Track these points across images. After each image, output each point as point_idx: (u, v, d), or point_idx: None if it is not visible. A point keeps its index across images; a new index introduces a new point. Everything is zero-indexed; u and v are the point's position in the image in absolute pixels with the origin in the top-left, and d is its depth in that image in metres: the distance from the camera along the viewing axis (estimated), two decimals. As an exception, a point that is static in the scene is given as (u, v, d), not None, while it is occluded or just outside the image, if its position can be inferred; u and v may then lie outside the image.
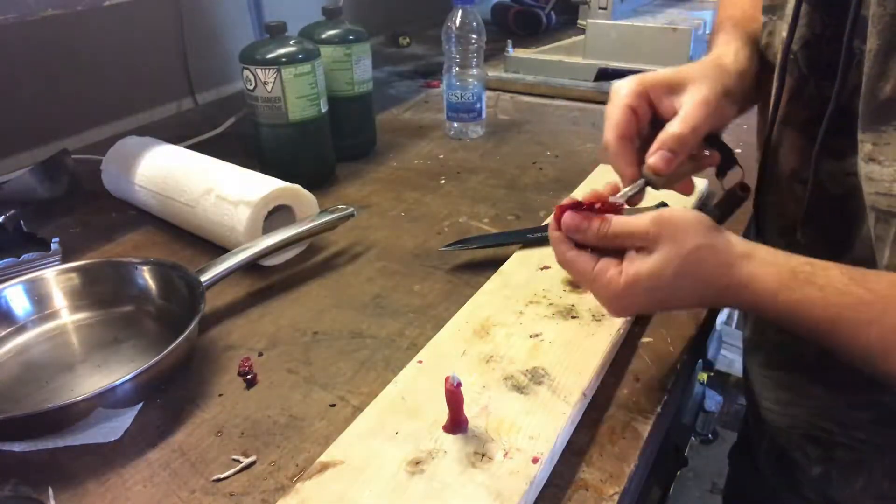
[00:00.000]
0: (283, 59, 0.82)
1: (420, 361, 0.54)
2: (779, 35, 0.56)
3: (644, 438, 0.48)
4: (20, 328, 0.62)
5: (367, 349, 0.59)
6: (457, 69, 1.02)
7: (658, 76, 0.53)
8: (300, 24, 0.94)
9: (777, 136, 0.55)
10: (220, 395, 0.54)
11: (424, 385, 0.51)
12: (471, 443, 0.45)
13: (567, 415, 0.48)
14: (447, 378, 0.45)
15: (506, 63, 1.33)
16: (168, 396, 0.54)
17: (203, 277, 0.61)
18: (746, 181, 0.60)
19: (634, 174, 0.51)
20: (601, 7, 1.24)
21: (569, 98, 1.24)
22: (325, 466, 0.44)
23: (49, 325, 0.63)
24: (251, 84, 0.84)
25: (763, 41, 0.57)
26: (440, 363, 0.53)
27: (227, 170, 0.76)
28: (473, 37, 0.99)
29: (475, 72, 1.02)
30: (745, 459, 0.79)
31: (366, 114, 1.00)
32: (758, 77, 0.57)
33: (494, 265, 0.67)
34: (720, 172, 0.58)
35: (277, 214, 0.72)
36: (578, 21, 1.64)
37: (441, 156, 1.01)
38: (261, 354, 0.59)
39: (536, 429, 0.46)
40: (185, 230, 0.78)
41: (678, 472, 1.20)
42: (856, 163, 0.47)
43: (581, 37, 1.32)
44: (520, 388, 0.50)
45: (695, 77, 0.52)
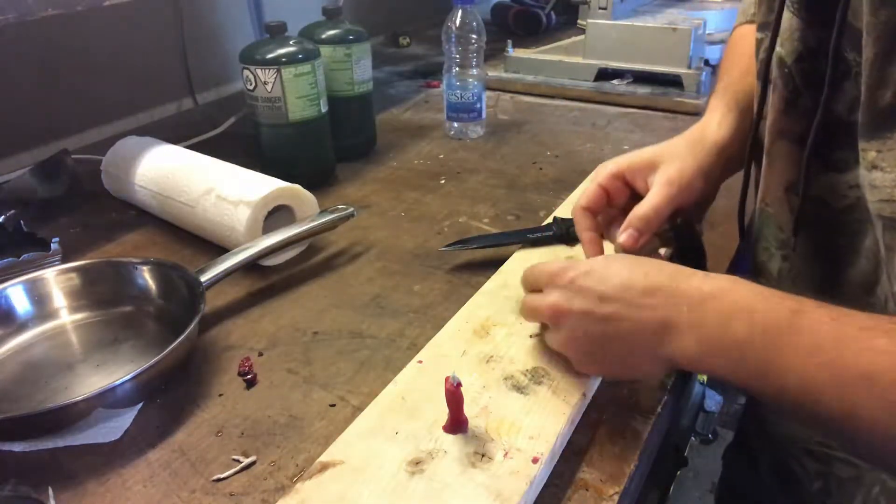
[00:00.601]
0: (283, 59, 0.82)
1: (420, 361, 0.54)
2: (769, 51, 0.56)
3: (644, 438, 0.48)
4: (20, 328, 0.62)
5: (367, 349, 0.59)
6: (457, 69, 1.02)
7: (636, 159, 0.58)
8: (300, 24, 0.94)
9: (771, 148, 0.55)
10: (220, 395, 0.54)
11: (424, 385, 0.51)
12: (471, 443, 0.45)
13: (567, 415, 0.48)
14: (447, 378, 0.45)
15: (506, 63, 1.33)
16: (168, 396, 0.54)
17: (203, 277, 0.61)
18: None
19: (592, 239, 0.57)
20: (601, 7, 1.24)
21: (569, 98, 1.24)
22: (325, 466, 0.44)
23: (49, 325, 0.63)
24: (251, 84, 0.84)
25: (759, 57, 0.57)
26: (440, 363, 0.53)
27: (227, 170, 0.76)
28: (473, 37, 0.99)
29: (475, 72, 1.02)
30: (742, 460, 0.79)
31: (366, 114, 1.00)
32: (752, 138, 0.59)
33: (494, 265, 0.67)
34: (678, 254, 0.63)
35: (277, 214, 0.72)
36: (578, 21, 1.64)
37: (441, 156, 1.01)
38: (261, 354, 0.59)
39: (536, 429, 0.46)
40: (185, 230, 0.78)
41: (678, 472, 1.20)
42: (858, 175, 0.47)
43: (581, 37, 1.32)
44: (520, 388, 0.50)
45: (667, 157, 0.57)
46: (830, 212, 0.52)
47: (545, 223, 0.74)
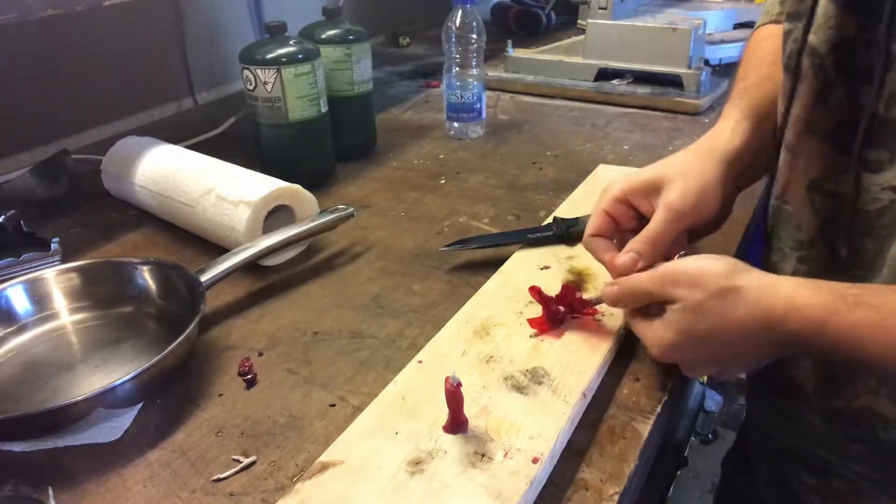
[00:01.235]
0: (283, 59, 0.82)
1: (420, 361, 0.54)
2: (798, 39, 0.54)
3: (644, 438, 0.48)
4: (20, 328, 0.62)
5: (367, 349, 0.59)
6: (457, 69, 1.02)
7: (637, 183, 0.56)
8: (300, 24, 0.94)
9: (796, 143, 0.53)
10: (220, 395, 0.54)
11: (424, 385, 0.51)
12: (471, 443, 0.45)
13: (567, 415, 0.48)
14: (447, 378, 0.45)
15: (506, 63, 1.33)
16: (168, 396, 0.54)
17: (203, 277, 0.61)
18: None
19: (613, 259, 0.54)
20: (601, 7, 1.24)
21: (569, 98, 1.24)
22: (325, 466, 0.44)
23: (49, 325, 0.62)
24: (251, 84, 0.84)
25: (788, 48, 0.54)
26: (440, 363, 0.53)
27: (227, 170, 0.76)
28: (473, 37, 0.99)
29: (475, 72, 1.02)
30: (741, 470, 0.78)
31: (366, 114, 1.00)
32: (768, 145, 0.57)
33: (494, 265, 0.67)
34: None
35: (277, 214, 0.72)
36: (578, 21, 1.64)
37: (441, 156, 1.01)
38: (261, 354, 0.59)
39: (536, 429, 0.46)
40: (185, 230, 0.78)
41: (678, 472, 1.19)
42: (894, 176, 0.45)
43: (581, 37, 1.32)
44: (520, 388, 0.50)
45: (672, 177, 0.54)
46: (860, 214, 0.49)
47: (545, 223, 0.74)
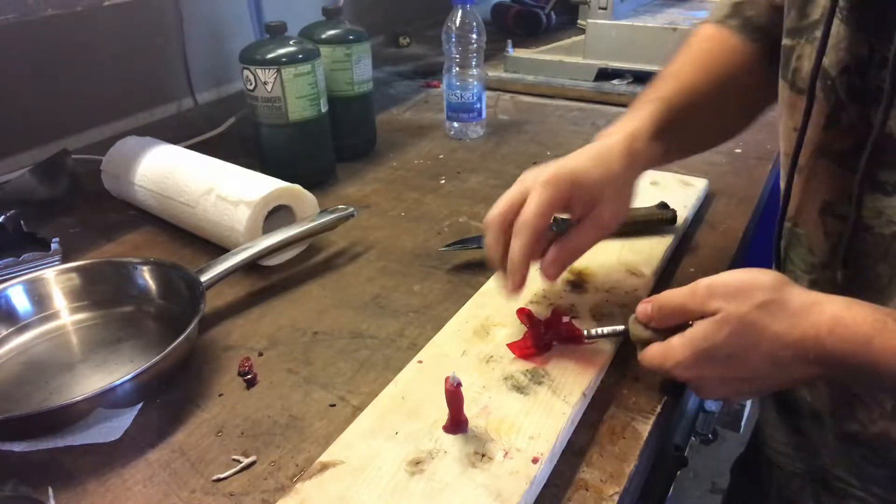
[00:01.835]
0: (283, 59, 0.82)
1: (420, 361, 0.54)
2: (807, 58, 0.52)
3: (644, 438, 0.48)
4: (20, 328, 0.62)
5: (367, 349, 0.59)
6: (457, 69, 1.02)
7: (587, 179, 0.51)
8: (300, 24, 0.94)
9: (809, 166, 0.52)
10: (220, 395, 0.54)
11: (424, 385, 0.51)
12: (471, 443, 0.45)
13: (567, 415, 0.48)
14: (447, 378, 0.45)
15: (506, 63, 1.33)
16: (168, 396, 0.54)
17: (203, 277, 0.61)
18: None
19: (500, 252, 0.52)
20: (601, 7, 1.24)
21: (569, 98, 1.24)
22: (325, 466, 0.44)
23: (49, 326, 0.62)
24: (251, 84, 0.84)
25: (792, 65, 0.54)
26: (440, 363, 0.53)
27: (227, 170, 0.76)
28: (473, 37, 0.99)
29: (475, 72, 1.02)
30: (754, 478, 0.77)
31: (366, 114, 1.00)
32: (668, 154, 0.58)
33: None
34: None
35: (277, 214, 0.72)
36: (578, 21, 1.64)
37: (441, 156, 1.01)
38: (261, 354, 0.59)
39: (536, 429, 0.46)
40: (185, 230, 0.78)
41: (678, 472, 1.19)
42: None
43: (581, 37, 1.32)
44: (520, 388, 0.50)
45: (607, 191, 0.52)
46: (874, 237, 0.48)
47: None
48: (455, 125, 1.06)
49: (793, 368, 0.44)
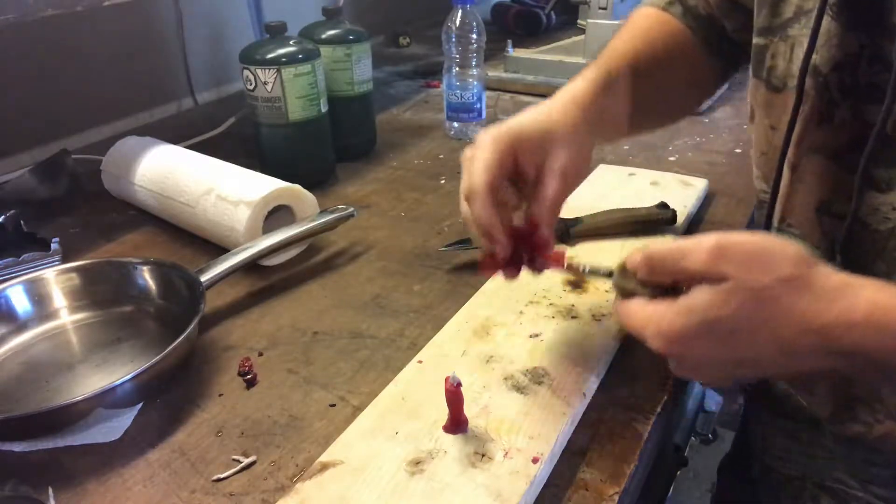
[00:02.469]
0: (283, 59, 0.82)
1: (420, 361, 0.54)
2: (782, 56, 0.52)
3: (644, 438, 0.48)
4: (20, 328, 0.62)
5: (367, 349, 0.59)
6: (457, 69, 1.02)
7: (526, 136, 0.50)
8: (300, 24, 0.94)
9: (800, 164, 0.51)
10: (220, 395, 0.54)
11: (424, 385, 0.51)
12: (471, 443, 0.45)
13: (567, 415, 0.48)
14: (447, 378, 0.45)
15: (506, 63, 1.33)
16: (168, 396, 0.54)
17: (203, 277, 0.61)
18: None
19: (498, 226, 0.48)
20: (601, 7, 1.24)
21: (569, 98, 1.23)
22: (325, 466, 0.44)
23: (49, 325, 0.62)
24: (251, 84, 0.84)
25: (767, 64, 0.53)
26: (440, 363, 0.53)
27: (227, 170, 0.76)
28: (473, 37, 0.99)
29: (475, 72, 1.02)
30: (743, 477, 0.77)
31: (366, 114, 1.00)
32: (610, 122, 0.57)
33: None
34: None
35: (277, 214, 0.72)
36: (578, 21, 1.64)
37: (441, 156, 1.01)
38: (261, 354, 0.59)
39: (536, 429, 0.46)
40: (185, 230, 0.78)
41: (678, 472, 1.19)
42: None
43: (581, 37, 1.32)
44: (520, 388, 0.50)
45: (558, 139, 0.50)
46: (870, 234, 0.47)
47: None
48: (455, 125, 1.06)
49: (807, 358, 0.39)
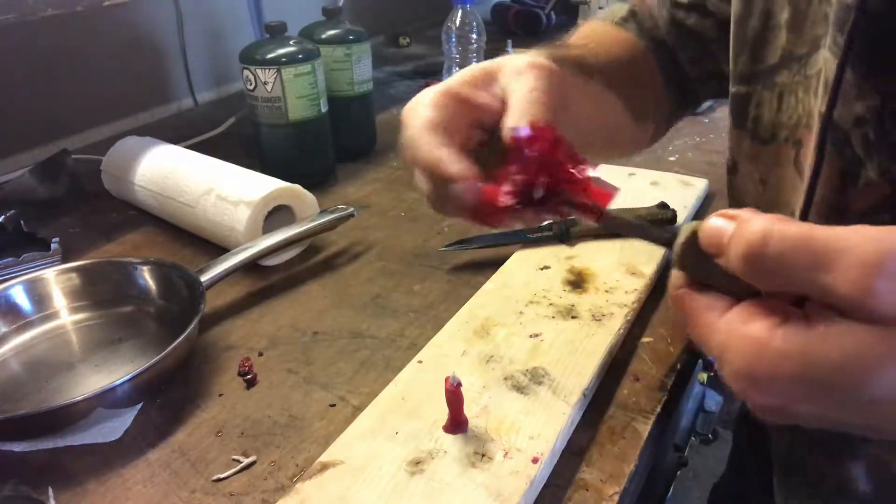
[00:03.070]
0: (283, 59, 0.82)
1: (420, 361, 0.54)
2: (768, 106, 0.48)
3: (644, 438, 0.48)
4: (20, 328, 0.62)
5: (367, 349, 0.59)
6: (457, 69, 1.02)
7: (462, 75, 0.44)
8: (300, 24, 0.94)
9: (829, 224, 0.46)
10: (220, 395, 0.54)
11: (424, 385, 0.51)
12: (471, 443, 0.45)
13: (567, 415, 0.48)
14: (447, 378, 0.45)
15: (506, 63, 1.33)
16: (168, 396, 0.54)
17: (203, 277, 0.61)
18: None
19: (450, 156, 0.38)
20: (601, 7, 1.24)
21: (569, 98, 1.23)
22: (325, 466, 0.44)
23: (49, 325, 0.62)
24: (251, 84, 0.84)
25: (751, 114, 0.50)
26: (440, 363, 0.53)
27: (227, 170, 0.76)
28: (473, 37, 0.99)
29: (475, 72, 1.02)
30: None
31: (366, 114, 1.00)
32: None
33: (494, 265, 0.67)
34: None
35: (277, 214, 0.72)
36: (578, 21, 1.64)
37: (441, 156, 1.01)
38: (261, 354, 0.59)
39: (536, 429, 0.46)
40: (185, 230, 0.78)
41: (678, 472, 1.20)
42: None
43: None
44: (520, 388, 0.50)
45: (506, 62, 0.44)
46: None
47: (545, 223, 0.74)
48: (455, 125, 1.06)
49: None
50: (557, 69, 0.45)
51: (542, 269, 0.66)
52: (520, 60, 0.43)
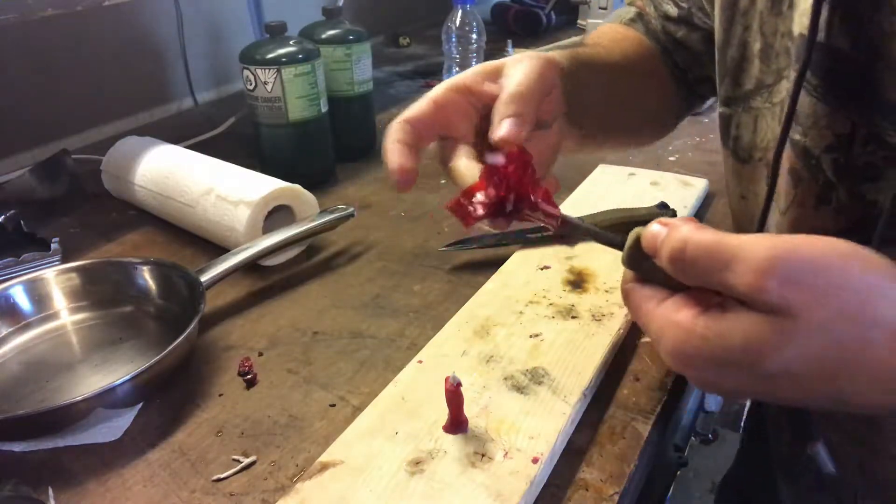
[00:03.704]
0: (283, 59, 0.82)
1: (420, 361, 0.54)
2: (746, 128, 0.51)
3: (644, 438, 0.48)
4: (20, 328, 0.62)
5: (367, 349, 0.59)
6: (457, 69, 1.02)
7: (469, 70, 0.47)
8: (300, 24, 0.94)
9: None
10: (220, 395, 0.54)
11: (424, 385, 0.51)
12: (471, 443, 0.45)
13: (567, 415, 0.48)
14: (447, 378, 0.45)
15: (506, 63, 1.33)
16: (168, 396, 0.54)
17: (203, 277, 0.61)
18: None
19: (398, 149, 0.43)
20: (601, 7, 1.24)
21: (569, 98, 1.23)
22: (325, 466, 0.44)
23: (49, 325, 0.62)
24: (251, 84, 0.84)
25: (732, 134, 0.53)
26: (440, 363, 0.53)
27: (227, 170, 0.76)
28: (473, 37, 0.99)
29: (475, 72, 1.02)
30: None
31: (366, 114, 1.00)
32: (588, 96, 0.51)
33: (494, 265, 0.67)
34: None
35: (277, 214, 0.72)
36: (578, 21, 1.64)
37: (441, 156, 1.01)
38: (261, 354, 0.59)
39: (536, 429, 0.46)
40: (185, 230, 0.78)
41: (678, 472, 1.19)
42: None
43: (581, 37, 1.32)
44: (520, 388, 0.50)
45: (507, 61, 0.47)
46: None
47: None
48: (455, 125, 1.06)
49: (875, 410, 0.34)
50: (556, 60, 0.47)
51: (542, 269, 0.66)
52: (525, 54, 0.46)
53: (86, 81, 1.09)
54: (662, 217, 0.35)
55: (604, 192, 0.79)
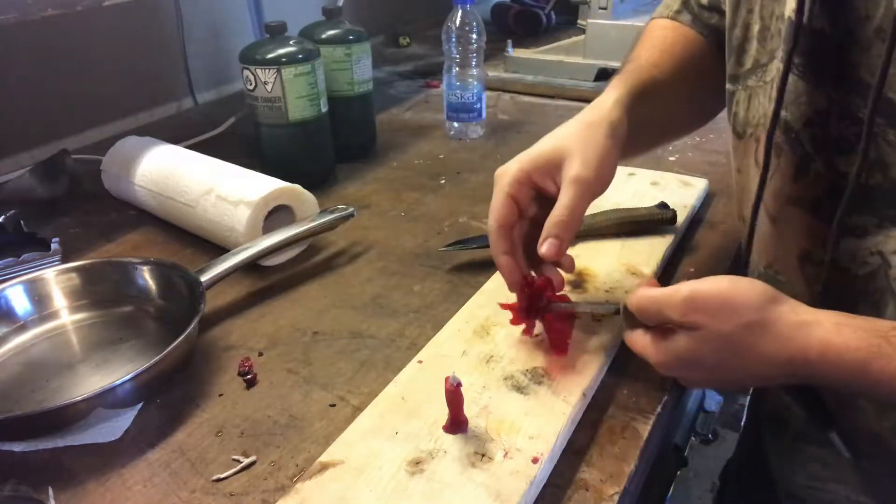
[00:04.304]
0: (283, 59, 0.82)
1: (420, 361, 0.54)
2: (742, 105, 0.55)
3: (644, 438, 0.48)
4: (20, 328, 0.62)
5: (367, 349, 0.59)
6: (457, 69, 1.02)
7: (536, 157, 0.54)
8: (300, 24, 0.94)
9: (780, 216, 0.53)
10: (220, 395, 0.54)
11: (424, 385, 0.51)
12: (471, 443, 0.45)
13: (567, 415, 0.48)
14: (447, 378, 0.45)
15: (506, 63, 1.33)
16: (168, 396, 0.54)
17: (203, 277, 0.61)
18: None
19: (509, 264, 0.53)
20: (601, 7, 1.24)
21: (569, 98, 1.24)
22: (325, 466, 0.44)
23: (49, 325, 0.62)
24: (251, 84, 0.84)
25: (733, 110, 0.56)
26: (440, 363, 0.53)
27: (227, 170, 0.76)
28: (473, 37, 0.99)
29: (475, 72, 1.02)
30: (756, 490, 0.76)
31: (366, 114, 1.00)
32: (645, 127, 0.57)
33: (494, 265, 0.67)
34: None
35: (277, 214, 0.72)
36: (578, 21, 1.64)
37: (441, 156, 1.01)
38: (261, 354, 0.59)
39: (536, 429, 0.46)
40: (185, 230, 0.78)
41: (678, 472, 1.19)
42: (880, 241, 0.45)
43: (581, 37, 1.32)
44: (520, 388, 0.50)
45: (569, 149, 0.52)
46: (851, 279, 0.49)
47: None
48: (455, 125, 1.06)
49: (782, 380, 0.47)
50: (616, 124, 0.54)
51: (542, 269, 0.65)
52: (577, 161, 0.51)
53: (86, 81, 1.09)
54: (640, 282, 0.51)
55: (604, 193, 0.79)
